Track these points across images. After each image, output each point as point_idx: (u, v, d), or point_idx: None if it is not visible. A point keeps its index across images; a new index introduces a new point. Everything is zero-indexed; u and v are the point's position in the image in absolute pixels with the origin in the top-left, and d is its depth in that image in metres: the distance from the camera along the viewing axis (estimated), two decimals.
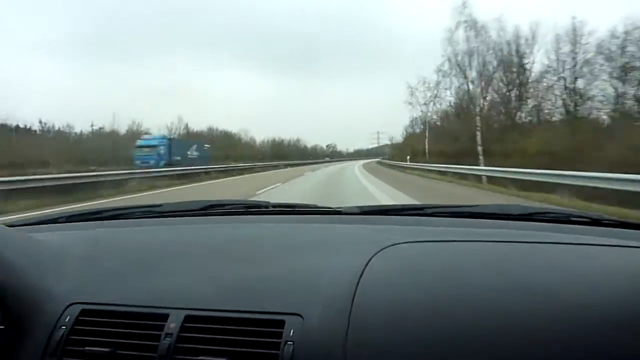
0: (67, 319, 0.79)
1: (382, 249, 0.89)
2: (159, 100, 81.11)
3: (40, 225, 1.32)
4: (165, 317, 0.76)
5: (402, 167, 30.68)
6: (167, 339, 0.73)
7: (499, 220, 1.15)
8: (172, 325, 0.75)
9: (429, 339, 0.67)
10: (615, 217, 1.17)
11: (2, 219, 7.27)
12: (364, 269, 0.81)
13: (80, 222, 1.35)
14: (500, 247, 0.93)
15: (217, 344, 0.72)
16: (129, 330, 0.76)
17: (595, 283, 0.76)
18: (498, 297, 0.73)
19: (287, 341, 0.70)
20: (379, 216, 1.27)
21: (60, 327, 0.78)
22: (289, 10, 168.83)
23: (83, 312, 0.80)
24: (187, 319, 0.75)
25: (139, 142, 30.35)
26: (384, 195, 11.25)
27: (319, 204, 1.45)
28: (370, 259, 0.85)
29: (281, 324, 0.72)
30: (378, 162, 55.36)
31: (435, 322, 0.69)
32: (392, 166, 36.52)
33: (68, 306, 0.81)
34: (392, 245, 0.92)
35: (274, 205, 1.42)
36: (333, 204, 1.41)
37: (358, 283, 0.77)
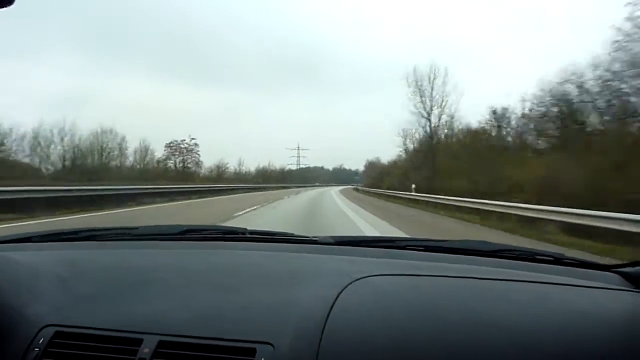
0: (40, 341, 0.79)
1: (354, 281, 0.91)
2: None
3: (14, 244, 1.31)
4: (139, 342, 0.77)
5: None
6: None
7: (467, 256, 1.20)
8: (146, 350, 0.75)
9: None
10: (576, 256, 1.22)
11: None
12: (334, 301, 0.83)
13: (55, 242, 1.34)
14: (467, 283, 0.97)
15: None
16: (102, 354, 0.77)
17: (555, 322, 0.80)
18: (465, 334, 0.75)
19: None
20: (353, 247, 1.30)
21: (34, 349, 0.78)
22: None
23: (57, 334, 0.80)
24: (161, 344, 0.76)
25: None
26: None
27: (295, 233, 1.48)
28: (342, 290, 0.87)
29: (252, 352, 0.74)
30: None
31: (402, 356, 0.71)
32: None
33: (42, 328, 0.81)
34: (364, 277, 0.94)
35: (251, 232, 1.44)
36: None
37: (329, 315, 0.79)
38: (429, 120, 30.35)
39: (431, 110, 30.22)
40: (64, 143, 29.81)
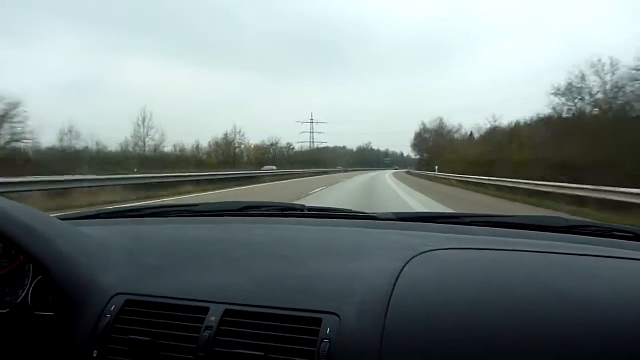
0: (112, 309, 0.82)
1: (419, 255, 0.88)
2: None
3: (84, 220, 1.34)
4: (205, 310, 0.78)
5: None
6: (207, 331, 0.75)
7: (539, 232, 1.12)
8: (212, 318, 0.77)
9: (465, 347, 0.67)
10: None
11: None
12: (399, 273, 0.81)
13: (120, 219, 1.39)
14: (540, 257, 0.91)
15: (255, 338, 0.73)
16: (170, 322, 0.78)
17: (638, 298, 0.74)
18: (538, 309, 0.71)
19: (323, 339, 0.71)
20: (415, 223, 1.25)
21: (106, 316, 0.81)
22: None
23: (127, 303, 0.83)
24: (227, 313, 0.77)
25: None
26: None
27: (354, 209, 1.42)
28: (407, 263, 0.85)
29: (318, 322, 0.73)
30: None
31: (472, 330, 0.68)
32: None
33: (113, 296, 0.84)
34: (429, 251, 0.91)
35: (310, 209, 1.45)
36: None
37: (394, 287, 0.77)
38: None
39: None
40: None
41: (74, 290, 0.84)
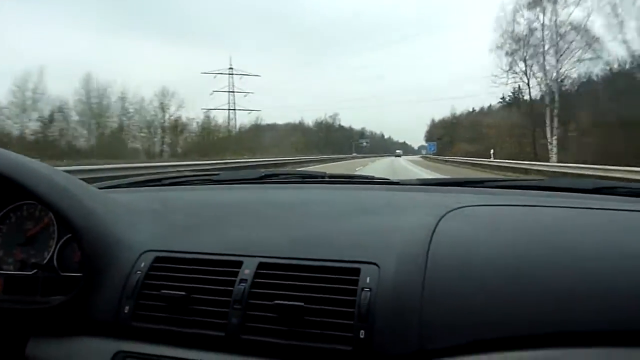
0: (142, 265, 0.82)
1: (452, 210, 0.88)
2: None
3: (105, 189, 1.32)
4: (239, 264, 0.78)
5: None
6: (242, 284, 0.74)
7: (569, 193, 1.11)
8: (247, 271, 0.76)
9: (505, 294, 0.67)
10: None
11: None
12: (435, 227, 0.81)
13: (141, 188, 1.39)
14: (578, 213, 0.90)
15: (291, 289, 0.73)
16: (202, 276, 0.78)
17: None
18: (579, 260, 0.70)
19: (363, 288, 0.70)
20: (440, 187, 1.24)
21: (136, 272, 0.81)
22: None
23: (157, 259, 0.82)
24: (261, 265, 0.76)
25: None
26: None
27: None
28: (441, 218, 0.84)
29: (356, 271, 0.72)
30: None
31: (512, 279, 0.68)
32: None
33: (142, 253, 0.84)
34: (462, 207, 0.90)
35: (331, 176, 1.44)
36: None
37: (431, 239, 0.77)
38: None
39: None
40: None
41: (101, 247, 0.83)
